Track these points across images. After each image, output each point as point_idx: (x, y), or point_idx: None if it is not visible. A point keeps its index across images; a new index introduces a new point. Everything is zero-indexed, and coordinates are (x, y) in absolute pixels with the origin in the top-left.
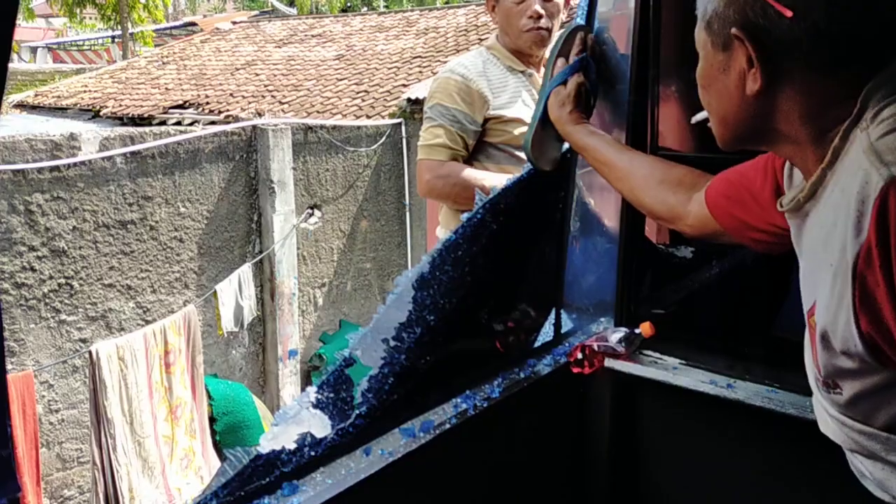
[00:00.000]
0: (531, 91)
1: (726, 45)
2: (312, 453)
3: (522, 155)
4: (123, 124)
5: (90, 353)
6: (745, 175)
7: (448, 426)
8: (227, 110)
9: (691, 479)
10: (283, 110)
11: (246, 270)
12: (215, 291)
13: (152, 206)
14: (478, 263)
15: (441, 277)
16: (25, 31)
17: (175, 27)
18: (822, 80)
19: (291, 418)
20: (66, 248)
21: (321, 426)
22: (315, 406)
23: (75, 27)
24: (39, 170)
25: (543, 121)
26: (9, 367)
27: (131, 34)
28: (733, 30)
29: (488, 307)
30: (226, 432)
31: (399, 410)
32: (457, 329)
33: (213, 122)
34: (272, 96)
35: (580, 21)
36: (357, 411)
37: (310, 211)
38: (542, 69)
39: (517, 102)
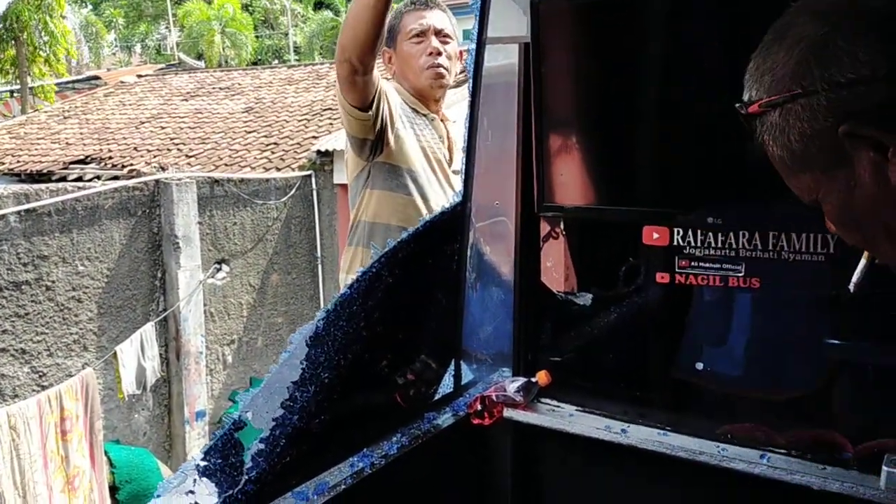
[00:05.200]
0: (434, 133)
1: (839, 158)
2: None
3: (410, 183)
4: (21, 181)
5: None
6: None
7: (343, 487)
8: (131, 164)
9: None
10: (189, 163)
11: (148, 330)
12: (115, 353)
13: (48, 266)
14: (374, 317)
15: (336, 333)
16: None
17: (78, 81)
18: None
19: (175, 488)
20: None
21: (208, 495)
22: (202, 474)
23: None
24: None
25: None
26: None
27: (31, 88)
28: (841, 129)
29: (387, 361)
30: (129, 501)
31: (292, 473)
32: (353, 385)
33: (115, 177)
34: (178, 149)
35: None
36: (246, 476)
37: (217, 266)
38: (443, 116)
39: (414, 134)
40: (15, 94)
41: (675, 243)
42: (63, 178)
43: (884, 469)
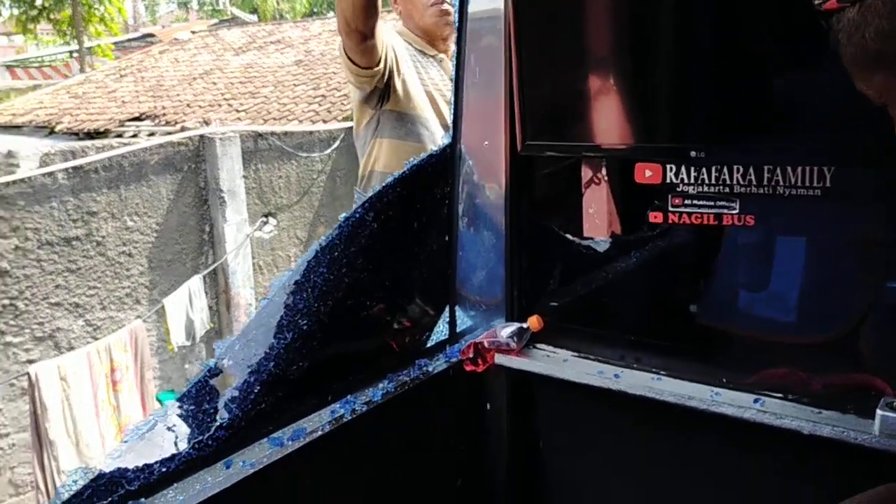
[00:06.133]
0: (442, 75)
1: None
2: (164, 469)
3: (420, 129)
4: (80, 139)
5: (28, 374)
6: None
7: (320, 433)
8: (184, 121)
9: (586, 470)
10: (239, 118)
11: (195, 282)
12: (163, 306)
13: (98, 222)
14: (357, 263)
15: (315, 280)
16: None
17: (134, 39)
18: None
19: (144, 434)
20: (8, 267)
21: (177, 441)
22: (173, 420)
23: (30, 42)
24: None
25: None
26: None
27: (89, 48)
28: None
29: (373, 307)
30: None
31: (269, 420)
32: (335, 333)
33: (169, 134)
34: (229, 104)
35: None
36: (218, 422)
37: (264, 219)
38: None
39: (419, 78)
40: (74, 55)
41: (668, 181)
42: (119, 136)
43: (878, 413)
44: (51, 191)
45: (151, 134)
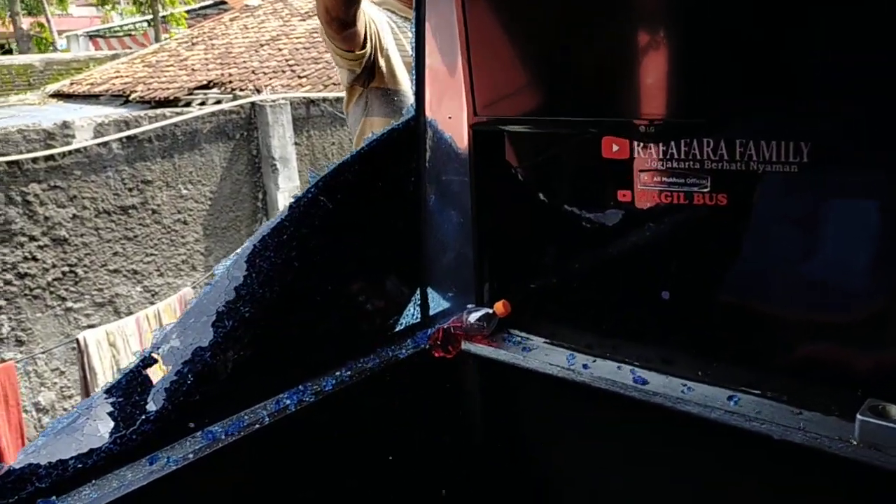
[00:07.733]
0: None
1: None
2: (80, 465)
3: (406, 106)
4: (152, 108)
5: (77, 340)
6: None
7: (259, 426)
8: (249, 88)
9: (558, 459)
10: (301, 84)
11: None
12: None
13: (153, 190)
14: (308, 246)
15: (261, 265)
16: (72, 20)
17: (207, 6)
18: None
19: (64, 428)
20: (67, 236)
21: (98, 435)
22: (97, 413)
23: (109, 12)
24: (34, 160)
25: None
26: (18, 356)
27: (163, 17)
28: None
29: (332, 292)
30: None
31: (204, 413)
32: (285, 320)
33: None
34: (292, 70)
35: None
36: (144, 416)
37: None
38: None
39: (399, 52)
40: (151, 24)
41: (636, 155)
42: (188, 104)
43: (858, 418)
44: (106, 160)
45: (218, 101)
